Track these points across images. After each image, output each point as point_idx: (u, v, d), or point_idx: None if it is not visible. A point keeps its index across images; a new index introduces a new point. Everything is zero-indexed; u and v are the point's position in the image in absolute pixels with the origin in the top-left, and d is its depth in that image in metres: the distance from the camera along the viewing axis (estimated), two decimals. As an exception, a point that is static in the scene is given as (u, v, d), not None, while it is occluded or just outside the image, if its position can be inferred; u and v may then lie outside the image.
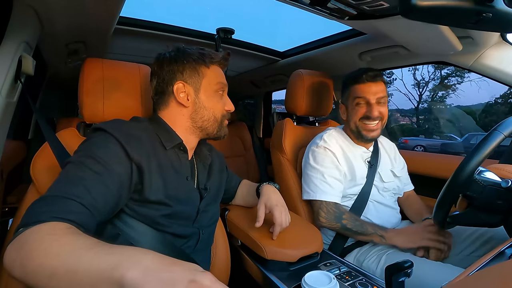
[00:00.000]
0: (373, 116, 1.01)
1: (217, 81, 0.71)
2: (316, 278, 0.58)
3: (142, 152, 0.59)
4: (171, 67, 0.68)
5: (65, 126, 1.48)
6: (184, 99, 0.68)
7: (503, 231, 0.70)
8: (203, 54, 0.70)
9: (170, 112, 0.70)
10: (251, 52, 1.62)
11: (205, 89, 0.69)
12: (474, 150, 0.66)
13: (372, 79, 1.01)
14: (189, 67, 0.68)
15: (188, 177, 0.69)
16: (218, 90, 0.71)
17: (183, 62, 0.68)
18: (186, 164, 0.70)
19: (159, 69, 0.69)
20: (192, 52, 0.69)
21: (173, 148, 0.67)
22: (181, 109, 0.69)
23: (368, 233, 0.94)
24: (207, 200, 0.72)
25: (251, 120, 2.75)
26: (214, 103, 0.71)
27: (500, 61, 1.01)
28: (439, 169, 1.22)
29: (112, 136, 0.57)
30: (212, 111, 0.70)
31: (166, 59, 0.69)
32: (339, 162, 1.04)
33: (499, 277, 0.33)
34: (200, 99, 0.69)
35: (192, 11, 10.61)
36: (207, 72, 0.69)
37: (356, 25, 1.04)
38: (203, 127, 0.71)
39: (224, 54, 0.73)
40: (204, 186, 0.73)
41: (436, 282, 0.57)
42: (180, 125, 0.70)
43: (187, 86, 0.68)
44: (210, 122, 0.71)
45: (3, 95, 0.70)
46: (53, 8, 0.82)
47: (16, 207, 0.71)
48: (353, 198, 1.04)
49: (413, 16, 0.53)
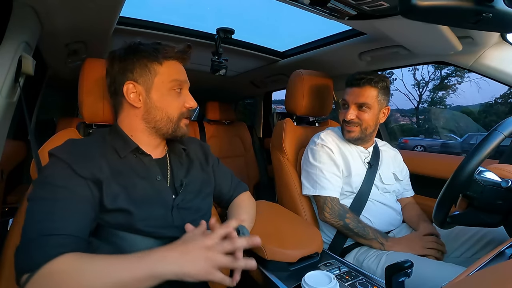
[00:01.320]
0: (346, 119, 1.04)
1: (172, 79, 0.66)
2: (316, 278, 0.58)
3: (90, 166, 0.58)
4: (121, 66, 0.65)
5: (65, 126, 1.48)
6: (135, 100, 0.65)
7: (505, 232, 0.70)
8: (156, 49, 0.65)
9: (126, 115, 0.67)
10: (251, 52, 1.62)
11: (157, 88, 0.65)
12: (474, 150, 0.66)
13: (357, 83, 1.02)
14: (139, 65, 0.64)
15: (158, 176, 0.66)
16: (173, 88, 0.67)
17: (133, 60, 0.64)
18: (153, 165, 0.67)
19: (110, 68, 0.67)
20: (144, 49, 0.65)
21: (132, 153, 0.65)
22: (134, 110, 0.66)
23: (369, 237, 0.94)
24: (185, 196, 0.69)
25: (251, 120, 2.75)
26: (168, 102, 0.66)
27: (500, 61, 1.01)
28: (439, 169, 1.22)
29: (60, 160, 0.57)
30: (165, 111, 0.66)
31: (116, 57, 0.66)
32: (336, 158, 1.05)
33: (499, 277, 0.33)
34: (152, 99, 0.65)
35: (192, 11, 10.62)
36: (159, 69, 0.65)
37: (356, 25, 1.04)
38: (157, 127, 0.67)
39: (182, 47, 0.68)
40: (180, 182, 0.70)
41: (436, 282, 0.57)
42: (136, 128, 0.67)
43: (138, 86, 0.64)
44: (163, 122, 0.67)
45: (3, 95, 0.70)
46: (53, 8, 0.82)
47: (16, 207, 0.71)
48: (350, 196, 1.04)
49: (413, 16, 0.53)
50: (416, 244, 0.91)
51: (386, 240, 0.94)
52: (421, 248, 0.90)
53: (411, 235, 0.99)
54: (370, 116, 1.03)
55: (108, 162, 0.61)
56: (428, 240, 0.92)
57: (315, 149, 1.07)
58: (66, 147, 0.61)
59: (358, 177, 1.05)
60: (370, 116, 1.03)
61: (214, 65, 1.36)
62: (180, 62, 0.69)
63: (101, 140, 0.66)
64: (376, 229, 0.97)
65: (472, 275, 0.40)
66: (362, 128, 1.04)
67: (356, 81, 1.02)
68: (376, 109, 1.03)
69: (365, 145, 1.11)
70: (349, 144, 1.10)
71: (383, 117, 1.08)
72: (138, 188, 0.62)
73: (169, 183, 0.70)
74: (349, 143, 1.10)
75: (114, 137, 0.67)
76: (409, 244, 0.92)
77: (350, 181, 1.04)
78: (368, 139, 1.09)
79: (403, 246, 0.92)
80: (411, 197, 1.19)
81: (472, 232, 0.93)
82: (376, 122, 1.06)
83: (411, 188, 1.20)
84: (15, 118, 1.34)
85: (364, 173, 1.06)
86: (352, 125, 1.04)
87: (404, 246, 0.92)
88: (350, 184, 1.04)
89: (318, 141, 1.08)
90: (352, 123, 1.04)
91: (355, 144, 1.10)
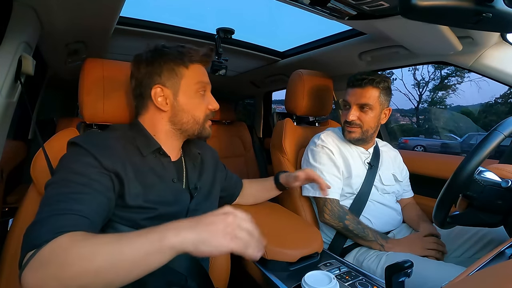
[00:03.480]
0: (348, 120, 1.03)
1: (197, 81, 0.68)
2: (316, 278, 0.58)
3: (115, 161, 0.58)
4: (148, 69, 0.66)
5: (65, 126, 1.48)
6: (163, 104, 0.66)
7: (505, 233, 0.70)
8: (182, 53, 0.66)
9: (150, 116, 0.68)
10: (251, 52, 1.62)
11: (184, 91, 0.66)
12: (474, 150, 0.66)
13: (358, 83, 1.01)
14: (166, 69, 0.65)
15: (174, 179, 0.67)
16: (198, 91, 0.68)
17: (160, 64, 0.65)
18: (170, 167, 0.68)
19: (136, 71, 0.67)
20: (170, 52, 0.66)
21: (153, 153, 0.66)
22: (160, 113, 0.67)
23: (369, 239, 0.94)
24: (198, 199, 0.71)
25: (251, 120, 2.75)
26: (195, 104, 0.68)
27: (500, 61, 1.01)
28: (439, 169, 1.22)
29: (84, 149, 0.57)
30: (191, 114, 0.68)
31: (143, 61, 0.67)
32: (336, 160, 1.04)
33: (499, 277, 0.33)
34: (179, 102, 0.66)
35: (192, 11, 10.60)
36: (185, 72, 0.66)
37: (356, 25, 1.04)
38: (183, 129, 0.69)
39: (206, 50, 0.69)
40: (195, 185, 0.72)
41: (436, 282, 0.58)
42: (160, 129, 0.68)
43: (165, 89, 0.65)
44: (189, 124, 0.68)
45: (3, 95, 0.70)
46: (53, 8, 0.82)
47: (16, 207, 0.71)
48: (350, 197, 1.04)
49: (413, 16, 0.53)
50: (417, 245, 0.91)
51: (386, 242, 0.94)
52: (421, 249, 0.90)
53: (412, 236, 0.99)
54: (372, 117, 1.02)
55: (131, 159, 0.62)
56: (428, 241, 0.92)
57: (315, 150, 1.07)
58: (90, 138, 0.60)
59: (359, 178, 1.04)
60: (372, 117, 1.02)
61: (214, 65, 1.36)
62: (203, 65, 0.71)
63: (123, 136, 0.65)
64: (376, 230, 0.97)
65: (472, 275, 0.40)
66: (363, 129, 1.03)
67: (357, 81, 1.01)
68: (377, 110, 1.02)
69: (366, 146, 1.11)
70: (349, 144, 1.10)
71: (385, 117, 1.07)
72: (156, 189, 0.63)
73: (184, 186, 0.71)
74: (349, 144, 1.10)
75: (137, 134, 0.67)
76: (410, 245, 0.92)
77: (350, 182, 1.04)
78: (369, 140, 1.09)
79: (403, 247, 0.92)
80: (411, 198, 1.19)
81: (472, 232, 0.93)
82: (378, 123, 1.05)
83: (411, 189, 1.19)
84: (15, 118, 1.34)
85: (365, 174, 1.06)
86: (354, 126, 1.04)
87: (404, 247, 0.92)
88: (350, 185, 1.04)
89: (319, 142, 1.07)
90: (354, 124, 1.03)
91: (356, 145, 1.10)
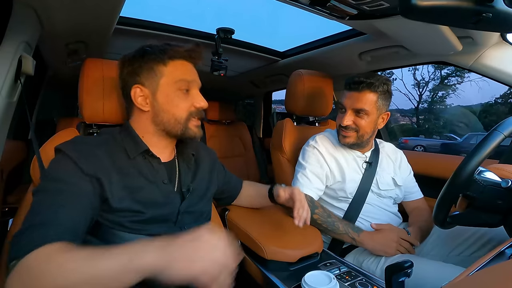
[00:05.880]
0: (342, 124, 1.00)
1: (178, 79, 0.65)
2: (316, 278, 0.58)
3: (97, 166, 0.58)
4: (129, 69, 0.65)
5: (65, 126, 1.48)
6: (143, 104, 0.65)
7: (504, 232, 0.70)
8: (163, 50, 0.64)
9: (136, 118, 0.68)
10: (251, 52, 1.62)
11: (163, 90, 0.64)
12: (474, 150, 0.66)
13: (355, 87, 0.97)
14: (146, 68, 0.64)
15: (165, 180, 0.66)
16: (179, 88, 0.65)
17: (140, 64, 0.64)
18: (161, 168, 0.67)
19: (120, 71, 0.67)
20: (151, 51, 0.64)
21: (141, 155, 0.65)
22: (144, 113, 0.66)
23: (339, 232, 0.93)
24: (190, 201, 0.69)
25: (251, 120, 2.75)
26: (175, 103, 0.65)
27: (500, 61, 1.01)
28: (439, 169, 1.22)
29: (66, 155, 0.57)
30: (171, 113, 0.65)
31: (126, 61, 0.66)
32: (325, 162, 1.03)
33: (499, 277, 0.33)
34: (158, 102, 0.65)
35: (192, 11, 10.62)
36: (164, 70, 0.64)
37: (356, 25, 1.05)
38: (167, 130, 0.67)
39: (190, 46, 0.67)
40: (188, 187, 0.70)
41: (436, 282, 0.57)
42: (147, 130, 0.67)
43: (144, 89, 0.64)
44: (171, 124, 0.66)
45: (3, 95, 0.70)
46: (53, 8, 0.82)
47: (16, 207, 0.71)
48: (345, 201, 1.03)
49: (413, 16, 0.53)
50: (390, 246, 0.89)
51: (357, 235, 0.92)
52: (394, 250, 0.88)
53: (389, 234, 0.93)
54: (368, 122, 0.99)
55: (116, 161, 0.61)
56: (404, 244, 0.90)
57: (306, 149, 1.08)
58: (73, 144, 0.61)
59: (353, 183, 1.02)
60: (368, 122, 0.99)
61: (214, 65, 1.36)
62: (189, 62, 0.68)
63: (111, 139, 0.65)
64: (348, 223, 0.95)
65: (472, 275, 0.40)
66: (358, 134, 1.00)
67: (355, 85, 0.97)
68: (374, 115, 0.98)
69: (362, 149, 1.08)
70: (344, 148, 1.07)
71: (382, 122, 1.03)
72: (145, 191, 0.62)
73: (176, 188, 0.70)
74: (344, 148, 1.07)
75: (125, 136, 0.66)
76: (383, 244, 0.89)
77: (344, 187, 1.02)
78: (365, 145, 1.06)
79: (376, 243, 0.90)
80: (418, 201, 1.12)
81: (471, 231, 0.92)
82: (374, 128, 1.02)
83: (418, 190, 1.13)
84: (15, 118, 1.34)
85: (360, 178, 1.03)
86: (349, 130, 1.00)
87: (376, 244, 0.89)
88: (344, 190, 1.02)
89: (312, 143, 1.08)
90: (349, 128, 1.00)
91: (351, 149, 1.07)
